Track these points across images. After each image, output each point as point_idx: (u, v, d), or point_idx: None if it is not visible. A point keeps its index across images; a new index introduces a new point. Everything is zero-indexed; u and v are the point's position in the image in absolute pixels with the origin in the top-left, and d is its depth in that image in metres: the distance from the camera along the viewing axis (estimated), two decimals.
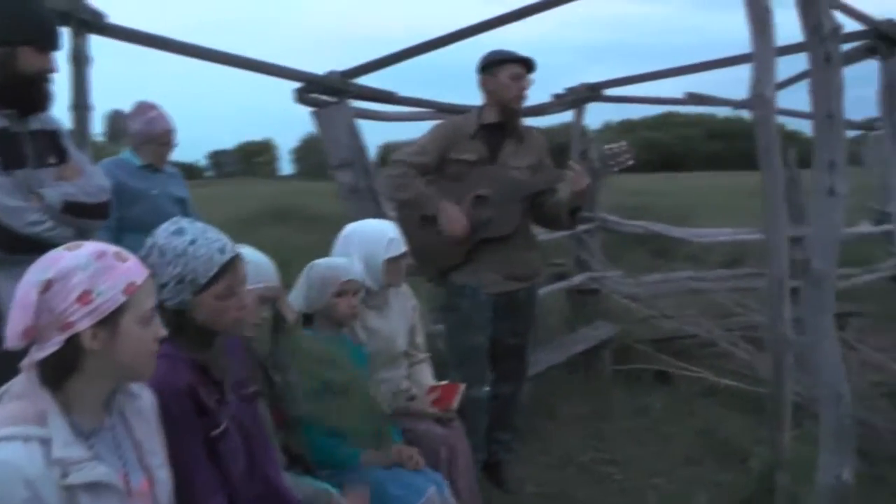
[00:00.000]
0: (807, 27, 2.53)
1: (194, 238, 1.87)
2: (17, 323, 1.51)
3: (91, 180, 2.64)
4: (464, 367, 3.60)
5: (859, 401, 3.62)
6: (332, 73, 4.41)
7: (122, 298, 1.54)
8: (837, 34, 2.52)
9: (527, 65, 3.63)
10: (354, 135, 4.41)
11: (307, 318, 2.86)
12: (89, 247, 1.58)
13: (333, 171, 4.45)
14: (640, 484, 3.96)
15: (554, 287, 6.17)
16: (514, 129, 3.70)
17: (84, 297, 1.51)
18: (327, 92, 4.45)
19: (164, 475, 1.68)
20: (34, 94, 2.49)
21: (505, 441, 3.94)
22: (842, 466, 2.66)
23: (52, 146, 2.58)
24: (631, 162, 3.63)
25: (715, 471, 4.05)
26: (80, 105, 3.53)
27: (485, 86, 3.67)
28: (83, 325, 1.51)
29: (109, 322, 1.53)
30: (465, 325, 3.63)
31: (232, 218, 11.35)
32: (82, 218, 2.56)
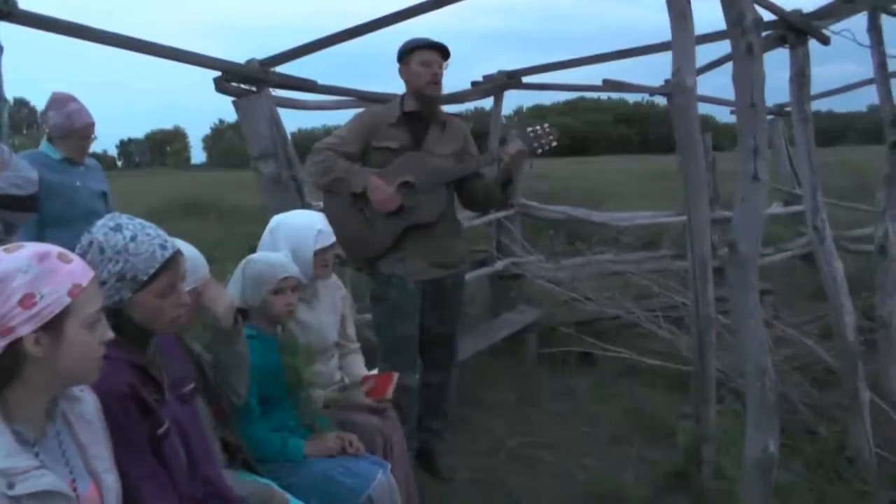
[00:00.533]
0: (729, 18, 2.59)
1: (134, 234, 1.81)
2: None
3: (18, 172, 2.52)
4: (394, 356, 3.59)
5: (776, 376, 3.77)
6: (251, 62, 4.29)
7: (66, 301, 1.47)
8: (758, 26, 2.59)
9: (439, 50, 3.63)
10: (276, 125, 4.31)
11: (241, 313, 2.78)
12: (30, 248, 1.50)
13: (255, 162, 4.34)
14: (570, 465, 4.02)
15: (477, 273, 6.20)
16: (435, 117, 3.70)
17: (25, 301, 1.44)
18: (247, 81, 4.33)
19: (111, 479, 1.62)
20: None
21: (436, 429, 3.95)
22: (767, 440, 2.75)
23: None
24: (554, 143, 3.68)
25: (642, 448, 4.15)
26: None
27: (402, 74, 3.67)
28: (25, 329, 1.44)
29: (53, 326, 1.46)
30: (394, 314, 3.61)
31: (144, 211, 10.98)
32: (13, 211, 2.45)
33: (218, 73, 4.27)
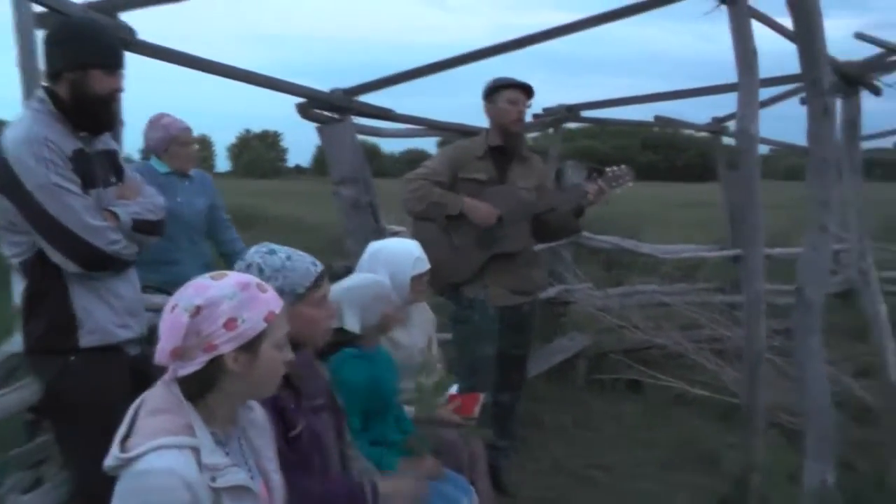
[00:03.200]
0: (806, 79, 2.85)
1: (289, 255, 2.16)
2: (166, 343, 1.69)
3: (150, 198, 2.77)
4: (474, 376, 3.84)
5: None
6: (335, 91, 4.61)
7: (262, 326, 1.73)
8: (833, 89, 2.85)
9: (524, 90, 3.91)
10: (357, 151, 4.62)
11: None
12: (234, 277, 1.77)
13: (336, 186, 4.64)
14: (625, 487, 4.25)
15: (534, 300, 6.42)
16: (517, 151, 3.97)
17: (230, 324, 1.70)
18: (331, 108, 4.64)
19: (278, 479, 1.88)
20: (104, 115, 2.57)
21: (503, 447, 4.19)
22: (826, 472, 2.98)
23: (112, 165, 2.69)
24: (630, 184, 3.93)
25: (691, 474, 4.37)
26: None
27: (488, 111, 3.95)
28: (227, 348, 1.70)
29: (250, 346, 1.72)
30: (475, 336, 3.88)
31: None
32: (148, 235, 2.68)
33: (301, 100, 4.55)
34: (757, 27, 3.67)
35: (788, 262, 6.92)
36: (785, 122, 5.70)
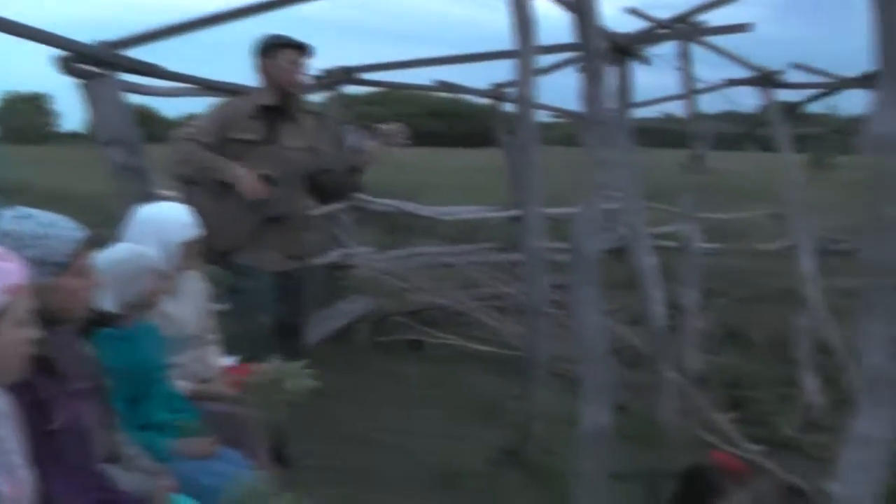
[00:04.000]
0: (581, 48, 2.92)
1: (49, 220, 1.89)
2: None
3: None
4: (250, 347, 3.63)
5: None
6: (98, 43, 4.13)
7: (3, 299, 1.47)
8: (606, 58, 2.95)
9: (303, 50, 3.73)
10: (124, 111, 4.20)
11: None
12: None
13: (104, 148, 4.18)
14: (411, 447, 4.24)
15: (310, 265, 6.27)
16: (291, 112, 3.78)
17: None
18: (95, 63, 4.14)
19: (25, 474, 1.62)
20: None
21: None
22: (602, 415, 3.11)
23: None
24: (405, 142, 3.87)
25: (477, 428, 4.46)
26: None
27: (262, 68, 3.72)
28: None
29: None
30: (250, 304, 3.67)
31: None
32: None
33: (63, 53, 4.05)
34: None
35: (566, 221, 7.27)
36: (566, 92, 5.97)
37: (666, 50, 4.70)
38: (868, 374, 2.03)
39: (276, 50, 3.67)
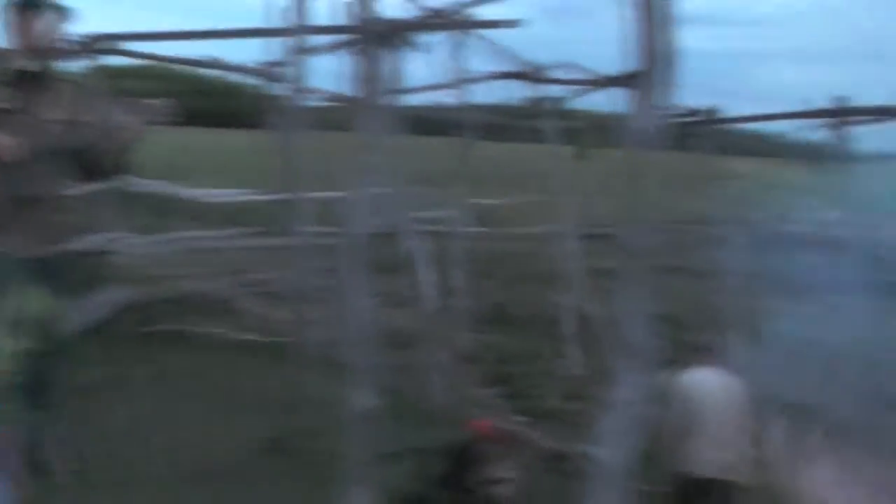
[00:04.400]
0: (356, 27, 2.91)
1: None
2: None
3: None
4: None
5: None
6: None
7: None
8: (379, 43, 2.96)
9: (60, 11, 3.42)
10: None
11: None
12: None
13: None
14: (176, 441, 4.03)
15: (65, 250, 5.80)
16: (46, 79, 3.46)
17: None
18: None
19: None
20: None
21: (38, 422, 3.70)
22: (370, 397, 3.15)
23: None
24: (171, 118, 3.65)
25: (242, 418, 4.33)
26: None
27: (15, 28, 3.36)
28: None
29: None
30: None
31: None
32: None
33: None
34: None
35: (334, 205, 7.23)
36: (336, 76, 5.91)
37: (439, 40, 4.81)
38: (623, 345, 2.27)
39: (29, 9, 3.33)
